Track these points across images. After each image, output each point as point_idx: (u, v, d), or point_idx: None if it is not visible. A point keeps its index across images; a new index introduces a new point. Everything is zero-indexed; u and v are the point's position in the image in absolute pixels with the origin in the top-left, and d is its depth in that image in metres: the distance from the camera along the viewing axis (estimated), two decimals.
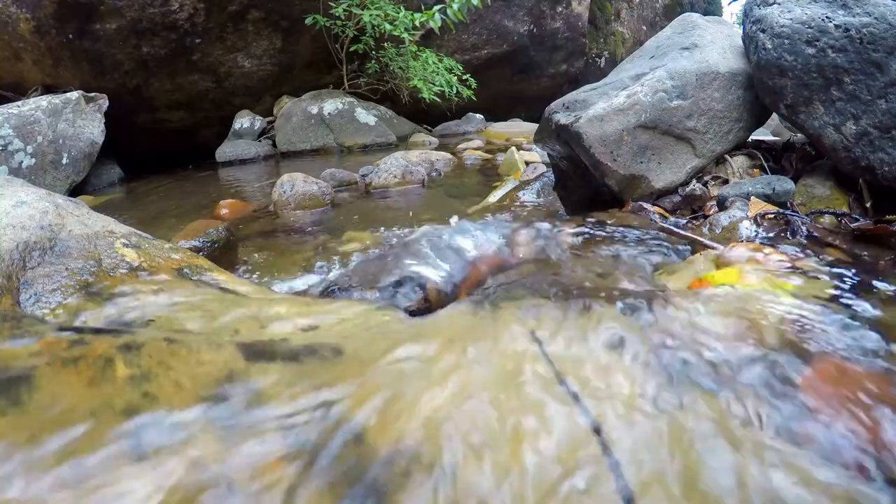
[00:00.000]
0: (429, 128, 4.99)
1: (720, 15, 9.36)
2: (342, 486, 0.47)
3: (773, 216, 1.19)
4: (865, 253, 1.02)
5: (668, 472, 0.50)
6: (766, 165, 1.47)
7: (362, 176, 2.48)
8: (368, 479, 0.48)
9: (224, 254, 1.54)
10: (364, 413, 0.54)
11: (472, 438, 0.52)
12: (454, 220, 1.39)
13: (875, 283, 0.89)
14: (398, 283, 1.04)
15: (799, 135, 1.59)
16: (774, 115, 1.59)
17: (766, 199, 1.26)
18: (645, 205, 1.37)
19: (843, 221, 1.17)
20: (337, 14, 4.09)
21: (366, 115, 4.41)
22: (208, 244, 1.54)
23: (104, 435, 0.47)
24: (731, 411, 0.57)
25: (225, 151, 4.13)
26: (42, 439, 0.46)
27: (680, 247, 1.13)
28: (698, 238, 1.15)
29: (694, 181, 1.44)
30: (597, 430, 0.54)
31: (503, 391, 0.58)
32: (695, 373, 0.63)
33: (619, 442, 0.52)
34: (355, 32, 4.36)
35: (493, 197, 2.05)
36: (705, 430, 0.55)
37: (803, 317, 0.74)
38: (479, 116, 4.98)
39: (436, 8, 4.22)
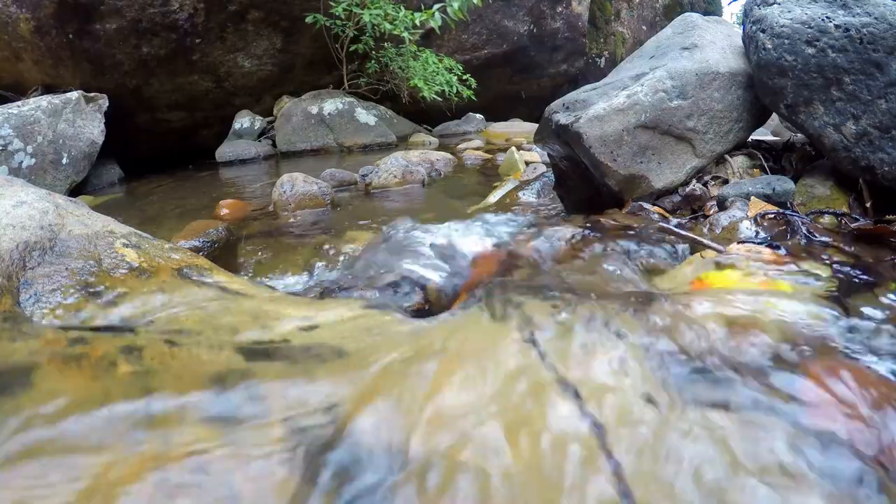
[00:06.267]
0: (429, 128, 4.98)
1: (720, 15, 9.35)
2: (341, 486, 0.47)
3: (773, 216, 1.19)
4: (865, 253, 1.02)
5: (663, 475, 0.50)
6: (766, 165, 1.47)
7: (362, 176, 2.47)
8: (368, 481, 0.48)
9: (224, 254, 1.54)
10: (365, 415, 0.54)
11: (475, 442, 0.52)
12: (451, 225, 1.37)
13: (875, 282, 0.89)
14: (398, 283, 1.04)
15: (799, 135, 1.59)
16: (774, 115, 1.59)
17: (766, 199, 1.26)
18: (645, 205, 1.37)
19: (843, 221, 1.17)
20: (337, 14, 4.09)
21: (366, 115, 4.41)
22: (208, 244, 1.55)
23: (103, 431, 0.47)
24: (729, 411, 0.57)
25: (225, 151, 4.13)
26: (40, 437, 0.46)
27: (680, 247, 1.13)
28: (698, 238, 1.15)
29: (694, 181, 1.44)
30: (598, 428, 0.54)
31: (503, 393, 0.58)
32: (694, 374, 0.63)
33: (618, 443, 0.52)
34: (355, 32, 4.36)
35: (493, 197, 2.05)
36: (700, 430, 0.55)
37: (803, 317, 0.74)
38: (479, 116, 4.98)
39: (436, 7, 4.22)
